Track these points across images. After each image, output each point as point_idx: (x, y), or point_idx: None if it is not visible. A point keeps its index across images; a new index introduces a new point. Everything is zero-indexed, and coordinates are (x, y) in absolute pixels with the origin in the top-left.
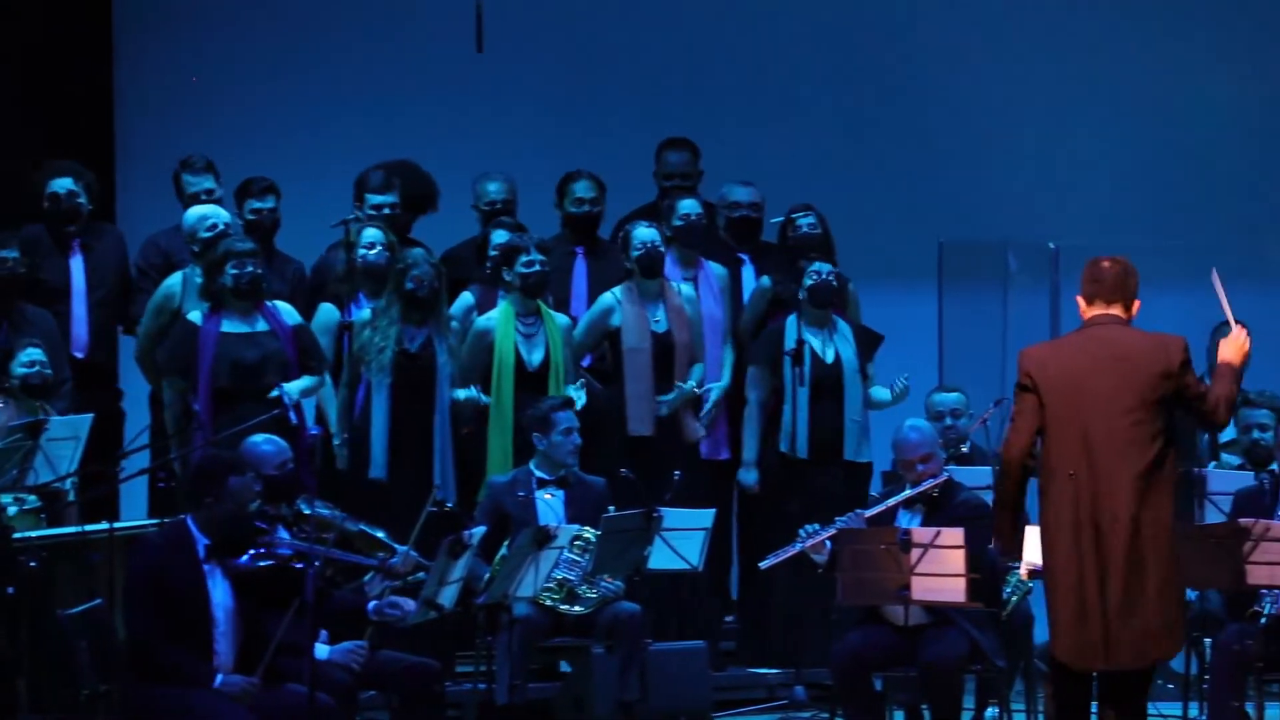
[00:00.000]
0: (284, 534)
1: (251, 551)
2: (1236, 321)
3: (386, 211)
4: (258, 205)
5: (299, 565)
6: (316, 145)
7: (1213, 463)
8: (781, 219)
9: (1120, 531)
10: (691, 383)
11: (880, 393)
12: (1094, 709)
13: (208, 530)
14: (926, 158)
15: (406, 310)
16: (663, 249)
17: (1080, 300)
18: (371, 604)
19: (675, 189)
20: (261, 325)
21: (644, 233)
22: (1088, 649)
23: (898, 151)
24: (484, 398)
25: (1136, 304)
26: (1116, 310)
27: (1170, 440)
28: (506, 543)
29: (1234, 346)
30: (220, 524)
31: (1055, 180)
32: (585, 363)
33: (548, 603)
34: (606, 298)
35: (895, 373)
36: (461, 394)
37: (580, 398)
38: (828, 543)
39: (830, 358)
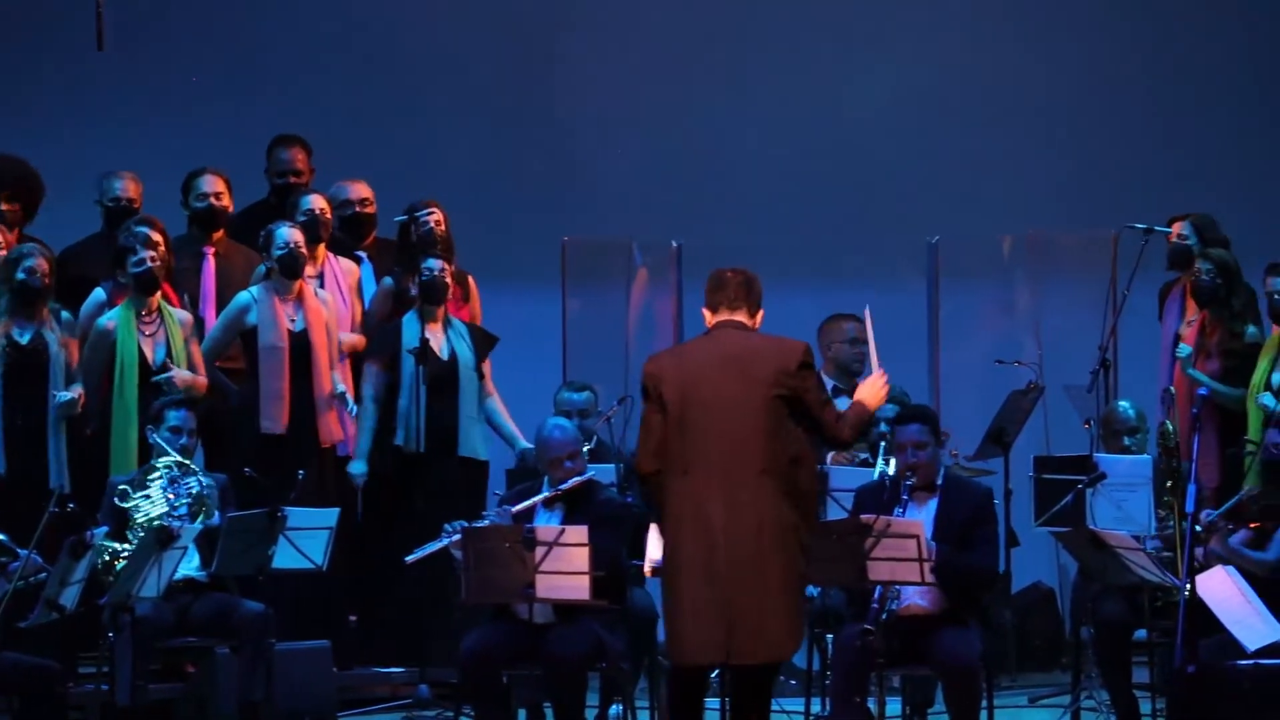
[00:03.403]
0: None
1: None
2: (879, 367)
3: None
4: None
5: None
6: None
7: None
8: (404, 216)
9: (733, 530)
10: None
11: None
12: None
13: None
14: (551, 155)
15: (17, 303)
16: (304, 251)
17: (705, 311)
18: None
19: (288, 186)
20: None
21: (286, 233)
22: (700, 647)
23: (523, 149)
24: (67, 395)
25: (760, 314)
26: (740, 316)
27: (794, 442)
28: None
29: (871, 390)
30: None
31: (679, 179)
32: None
33: None
34: (244, 296)
35: (516, 371)
36: (63, 396)
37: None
38: None
39: (447, 354)
